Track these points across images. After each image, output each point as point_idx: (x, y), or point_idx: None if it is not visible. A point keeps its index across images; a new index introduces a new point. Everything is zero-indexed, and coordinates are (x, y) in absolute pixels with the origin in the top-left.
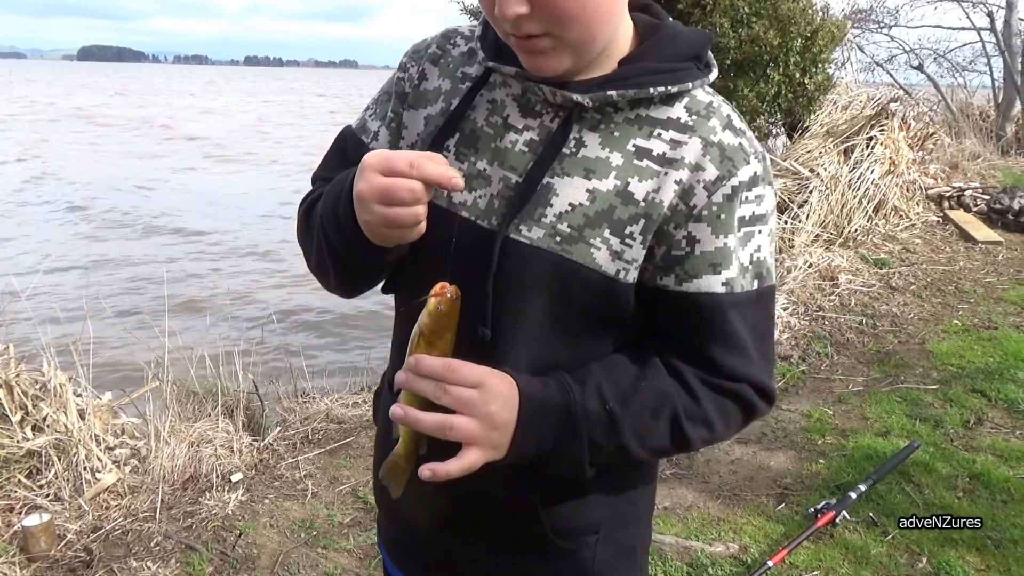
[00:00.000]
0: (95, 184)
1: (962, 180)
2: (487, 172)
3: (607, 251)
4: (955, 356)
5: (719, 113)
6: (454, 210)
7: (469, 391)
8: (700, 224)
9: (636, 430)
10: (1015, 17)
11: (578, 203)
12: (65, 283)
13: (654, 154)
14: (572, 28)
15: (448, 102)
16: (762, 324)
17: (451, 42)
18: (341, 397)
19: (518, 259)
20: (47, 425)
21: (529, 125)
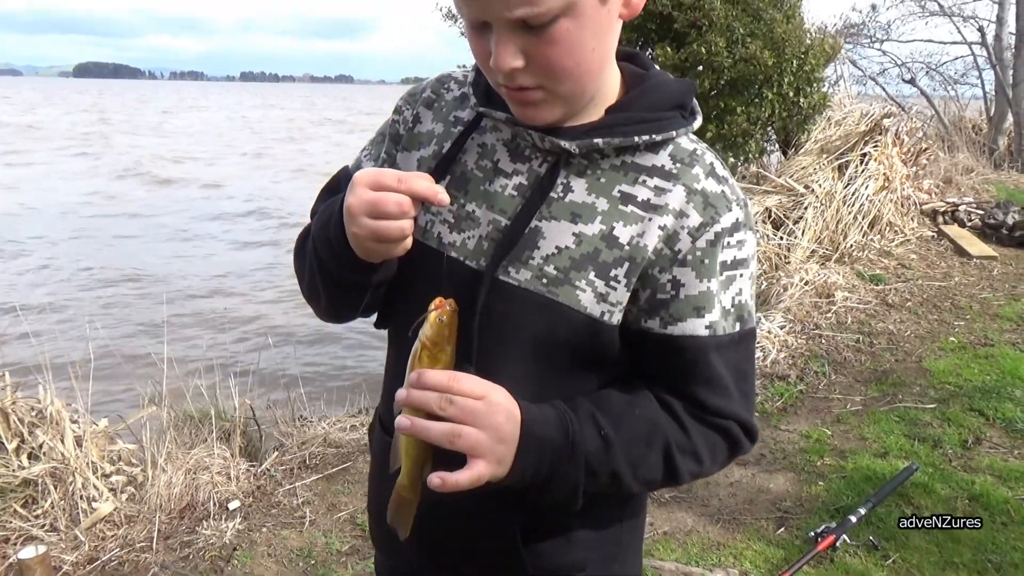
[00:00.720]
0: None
1: (956, 195)
2: (476, 214)
3: (592, 293)
4: (952, 374)
5: (702, 161)
6: (443, 250)
7: (475, 402)
8: (684, 268)
9: (629, 458)
10: (1005, 31)
11: (564, 246)
12: (64, 306)
13: (639, 200)
14: (565, 82)
15: (440, 145)
16: (743, 364)
17: (445, 87)
18: (339, 420)
19: (505, 300)
20: (43, 453)
21: (518, 170)
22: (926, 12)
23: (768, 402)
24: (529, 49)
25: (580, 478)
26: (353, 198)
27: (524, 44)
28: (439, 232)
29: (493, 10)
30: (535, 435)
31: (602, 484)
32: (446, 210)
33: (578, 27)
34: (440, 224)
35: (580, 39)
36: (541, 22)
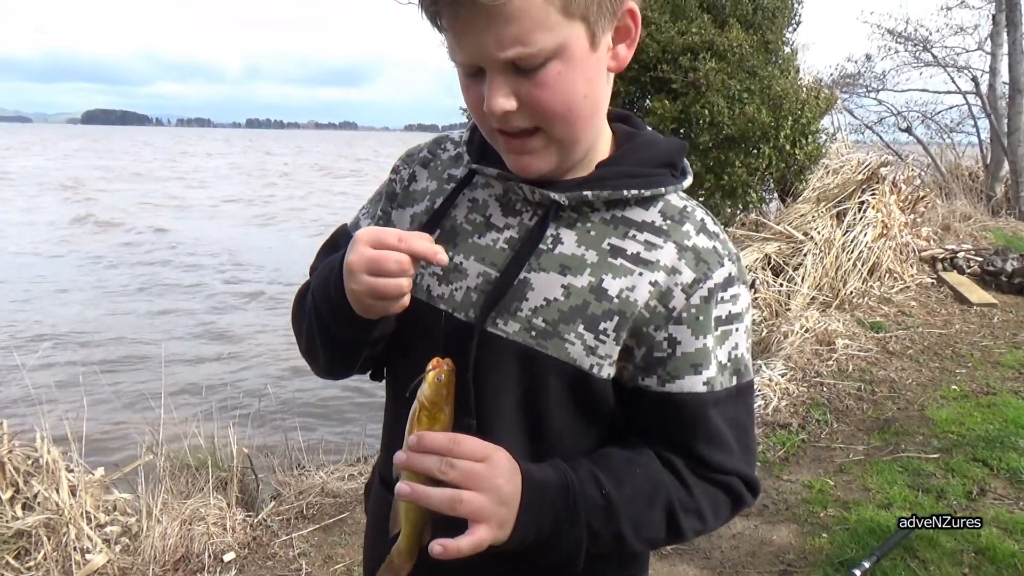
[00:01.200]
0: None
1: (954, 242)
2: (464, 266)
3: (581, 346)
4: (955, 423)
5: (693, 218)
6: (432, 303)
7: (476, 465)
8: (680, 326)
9: (632, 517)
10: (999, 81)
11: (553, 298)
12: (59, 352)
13: (628, 253)
14: (558, 125)
15: (433, 201)
16: (742, 418)
17: (441, 147)
18: (337, 469)
19: (495, 351)
20: (38, 503)
21: (510, 224)
22: (920, 63)
23: (770, 451)
24: (521, 92)
25: (582, 539)
26: (354, 255)
27: (516, 87)
28: (428, 285)
29: (486, 51)
30: (536, 497)
31: (604, 544)
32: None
33: (569, 71)
34: (429, 277)
35: (571, 83)
36: (532, 64)
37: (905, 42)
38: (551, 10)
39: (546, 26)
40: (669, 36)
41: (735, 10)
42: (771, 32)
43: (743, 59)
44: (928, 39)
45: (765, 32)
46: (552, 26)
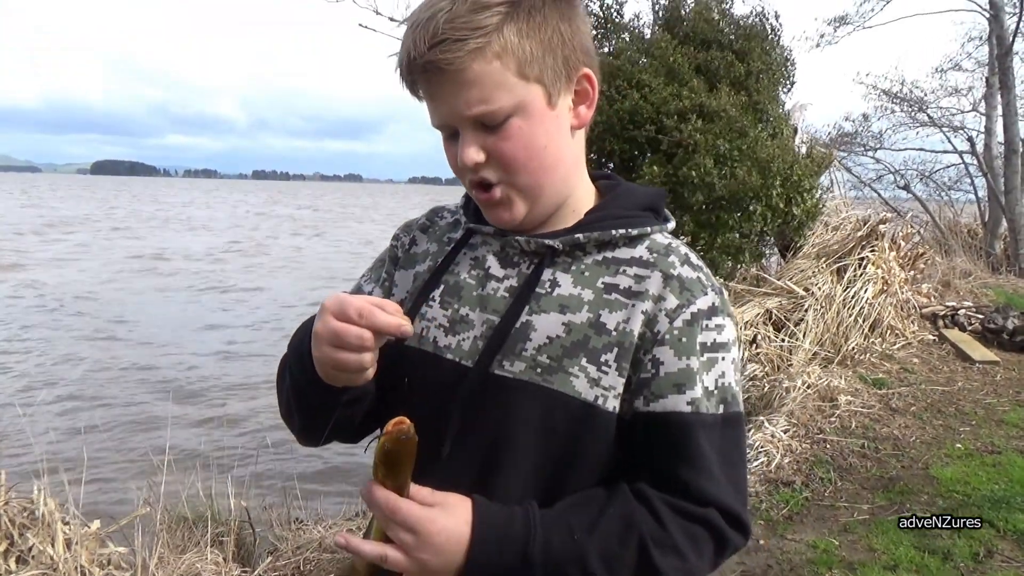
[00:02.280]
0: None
1: (955, 299)
2: (470, 317)
3: (585, 379)
4: (960, 483)
5: (677, 252)
6: (440, 353)
7: (405, 535)
8: (663, 347)
9: (604, 557)
10: (994, 141)
11: (555, 335)
12: (56, 401)
13: (621, 288)
14: (520, 174)
15: (435, 260)
16: (730, 450)
17: (439, 216)
18: (335, 523)
19: (503, 393)
20: (32, 557)
21: (508, 274)
22: (916, 123)
23: (773, 509)
24: (488, 145)
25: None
26: (320, 324)
27: (483, 142)
28: (435, 337)
29: (455, 111)
30: (482, 565)
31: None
32: (442, 315)
33: (529, 125)
34: (436, 329)
35: (532, 135)
36: (496, 120)
37: (901, 103)
38: (508, 74)
39: (505, 87)
40: (662, 97)
41: (727, 73)
42: (758, 93)
43: (731, 120)
44: (923, 100)
45: (754, 94)
46: (510, 87)
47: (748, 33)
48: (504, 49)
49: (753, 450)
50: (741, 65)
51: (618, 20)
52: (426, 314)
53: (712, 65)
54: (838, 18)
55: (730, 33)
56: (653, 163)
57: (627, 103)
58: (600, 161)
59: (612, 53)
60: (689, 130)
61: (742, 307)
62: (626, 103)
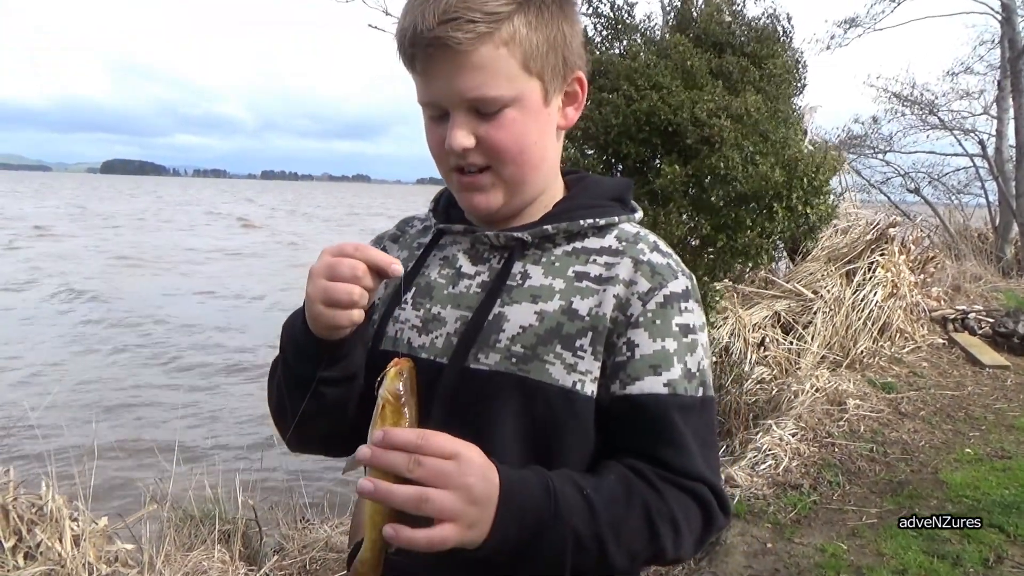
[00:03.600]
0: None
1: (965, 302)
2: (442, 315)
3: (561, 365)
4: (970, 487)
5: (646, 240)
6: (415, 353)
7: (444, 462)
8: (638, 329)
9: (612, 520)
10: (1006, 144)
11: (528, 324)
12: (68, 394)
13: (592, 275)
14: (509, 165)
15: (405, 266)
16: (705, 433)
17: (408, 225)
18: (341, 523)
19: (481, 386)
20: (40, 553)
21: (479, 270)
22: (927, 126)
23: (781, 513)
24: (479, 132)
25: (566, 543)
26: (316, 262)
27: (475, 128)
28: (408, 338)
29: (453, 93)
30: (515, 494)
31: (587, 552)
32: (415, 316)
33: (523, 118)
34: (409, 330)
35: (524, 128)
36: (492, 108)
37: (911, 105)
38: (512, 64)
39: (507, 77)
40: (680, 100)
41: (743, 76)
42: (776, 100)
43: (758, 123)
44: (934, 103)
45: (776, 99)
46: (512, 78)
47: (761, 35)
48: (512, 38)
49: (761, 453)
50: (756, 70)
51: (629, 21)
52: (399, 316)
53: (727, 69)
54: (848, 20)
55: (742, 35)
56: (672, 162)
57: (645, 104)
58: (612, 164)
59: (625, 54)
60: (720, 124)
61: (750, 309)
62: (644, 103)
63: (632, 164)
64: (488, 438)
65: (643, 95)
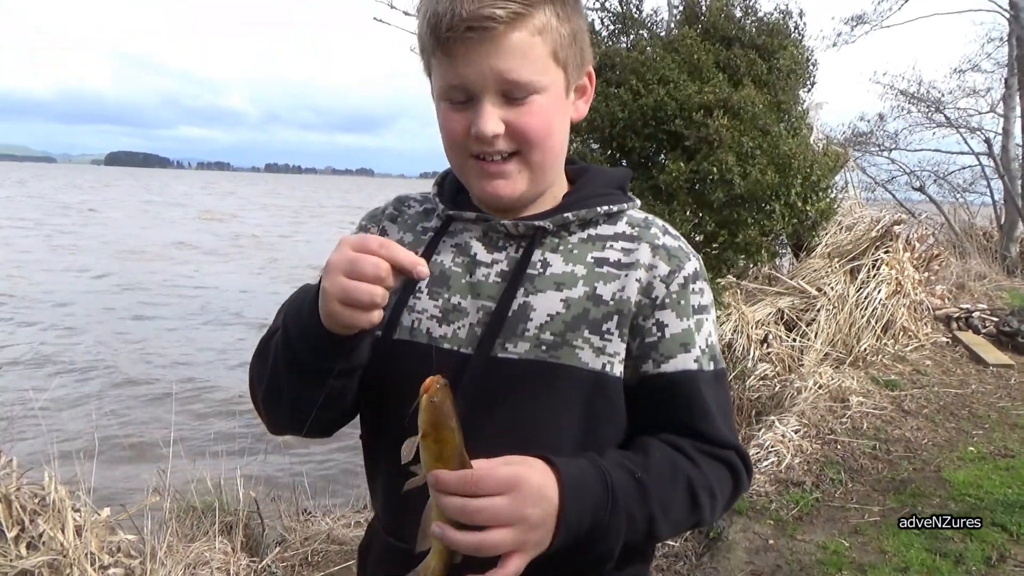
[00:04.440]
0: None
1: (969, 301)
2: (462, 305)
3: (590, 349)
4: (973, 486)
5: (656, 224)
6: (435, 344)
7: (499, 501)
8: (665, 311)
9: (660, 498)
10: (1012, 143)
11: (556, 312)
12: (71, 387)
13: (611, 261)
14: (536, 151)
15: (414, 250)
16: (724, 402)
17: (405, 204)
18: (343, 515)
19: (510, 375)
20: (43, 543)
21: (497, 259)
22: (933, 123)
23: (783, 509)
24: (509, 118)
25: (622, 531)
26: (336, 254)
27: (504, 114)
28: (427, 328)
29: (486, 76)
30: (576, 505)
31: (638, 531)
32: (432, 307)
33: (550, 105)
34: (428, 320)
35: (551, 116)
36: (523, 94)
37: (918, 103)
38: (544, 52)
39: (539, 64)
40: (687, 94)
41: (750, 70)
42: (784, 92)
43: (755, 117)
44: (941, 100)
45: (778, 92)
46: (543, 65)
47: (772, 30)
48: (545, 27)
49: (763, 450)
50: (763, 63)
51: (636, 16)
52: (415, 306)
53: (733, 62)
54: (855, 17)
55: (752, 30)
56: (676, 159)
57: (651, 98)
58: (616, 158)
59: (632, 48)
60: (716, 125)
61: (754, 306)
62: (650, 98)
63: (636, 159)
64: (523, 427)
65: (650, 89)
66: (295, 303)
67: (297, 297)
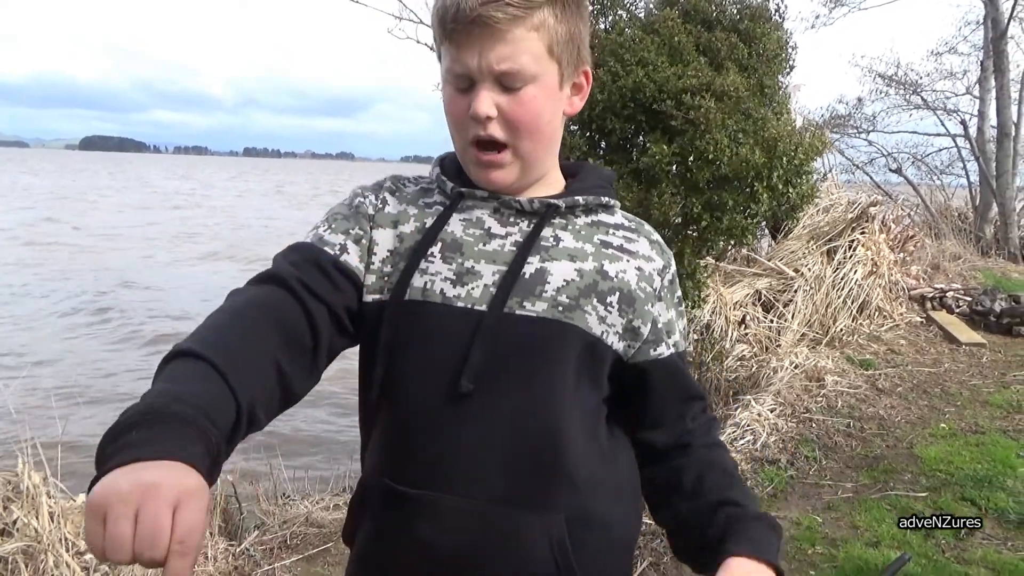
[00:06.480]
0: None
1: (944, 281)
2: (476, 268)
3: (595, 317)
4: (943, 462)
5: (644, 222)
6: (450, 303)
7: None
8: (661, 303)
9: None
10: (987, 124)
11: (571, 279)
12: (40, 372)
13: (615, 245)
14: (526, 140)
15: (421, 221)
16: (688, 372)
17: (402, 182)
18: (321, 499)
19: (526, 330)
20: (16, 530)
21: (510, 231)
22: (910, 105)
23: (758, 487)
24: (502, 105)
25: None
26: (127, 483)
27: (498, 100)
28: (441, 289)
29: (486, 63)
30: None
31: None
32: (446, 269)
33: (541, 97)
34: (441, 282)
35: (542, 106)
36: (515, 83)
37: (896, 85)
38: (540, 45)
39: (533, 55)
40: (665, 76)
41: (730, 54)
42: (768, 77)
43: (740, 101)
44: (918, 83)
45: (762, 76)
46: (537, 58)
47: (753, 14)
48: (542, 24)
49: (740, 429)
50: (744, 47)
51: None
52: (427, 269)
53: (714, 45)
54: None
55: (733, 12)
56: (658, 141)
57: (630, 80)
58: (596, 140)
59: (610, 29)
60: (705, 107)
61: (732, 287)
62: (629, 80)
63: (616, 141)
64: (535, 376)
65: (629, 71)
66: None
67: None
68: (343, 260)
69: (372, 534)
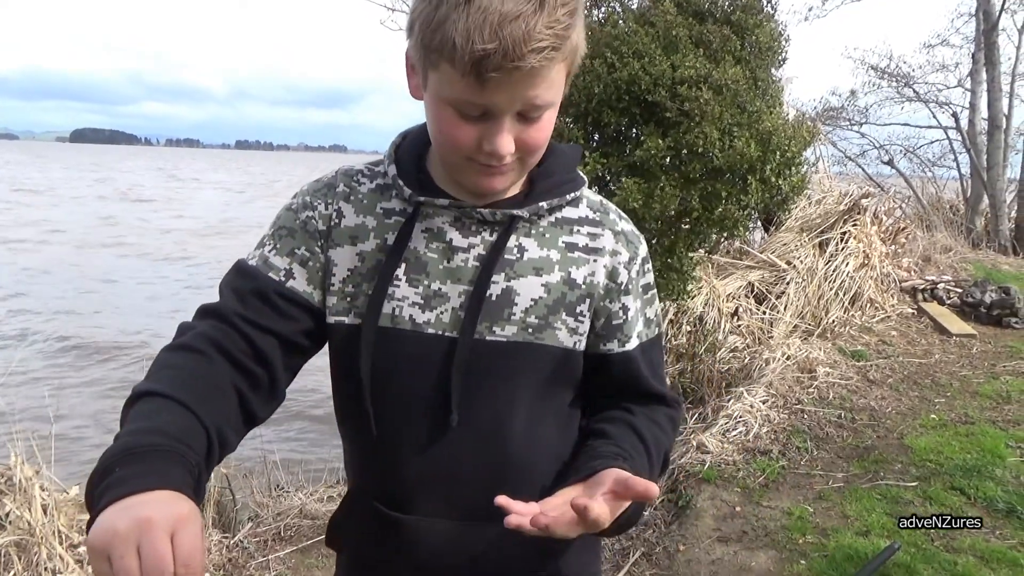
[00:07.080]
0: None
1: (935, 273)
2: (443, 290)
3: (566, 330)
4: (933, 452)
5: (611, 208)
6: (420, 329)
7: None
8: (628, 296)
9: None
10: (978, 117)
11: (538, 297)
12: (35, 362)
13: (580, 246)
14: (535, 156)
15: (382, 238)
16: (658, 359)
17: (355, 180)
18: (315, 491)
19: (499, 356)
20: (9, 522)
21: (472, 243)
22: (903, 97)
23: (750, 478)
24: (519, 134)
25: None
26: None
27: (517, 131)
28: (410, 314)
29: (515, 102)
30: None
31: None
32: (413, 293)
33: (553, 113)
34: (409, 307)
35: (551, 124)
36: (540, 113)
37: (888, 78)
38: (564, 72)
39: (558, 85)
40: (661, 69)
41: (724, 45)
42: (761, 70)
43: (737, 94)
44: (910, 75)
45: (755, 69)
46: (561, 84)
47: (745, 6)
48: (570, 50)
49: (732, 420)
50: (737, 39)
51: None
52: (394, 294)
53: (707, 37)
54: None
55: (726, 5)
56: (652, 134)
57: (626, 72)
58: (590, 133)
59: (604, 21)
60: (702, 99)
61: (724, 279)
62: (625, 72)
63: (611, 133)
64: (509, 402)
65: (625, 63)
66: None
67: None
68: (289, 287)
69: (358, 556)
